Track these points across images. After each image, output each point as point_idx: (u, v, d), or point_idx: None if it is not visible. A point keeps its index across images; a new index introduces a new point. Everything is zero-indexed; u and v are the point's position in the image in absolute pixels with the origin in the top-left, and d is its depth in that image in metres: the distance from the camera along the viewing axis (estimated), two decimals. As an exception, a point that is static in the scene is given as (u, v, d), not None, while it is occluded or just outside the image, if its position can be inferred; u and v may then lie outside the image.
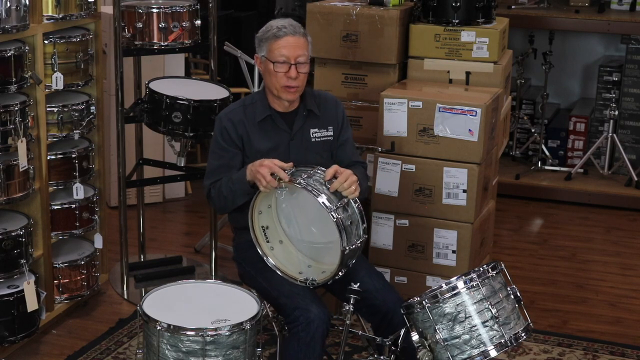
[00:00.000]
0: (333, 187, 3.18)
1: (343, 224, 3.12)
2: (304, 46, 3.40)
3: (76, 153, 4.29)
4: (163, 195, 6.07)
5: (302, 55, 3.39)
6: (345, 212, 3.17)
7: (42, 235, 4.15)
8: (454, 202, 4.15)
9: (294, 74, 3.37)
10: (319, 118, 3.53)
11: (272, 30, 3.40)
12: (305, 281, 3.29)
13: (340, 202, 3.16)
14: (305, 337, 3.19)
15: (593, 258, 5.34)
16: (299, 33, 3.40)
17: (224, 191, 3.41)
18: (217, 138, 3.48)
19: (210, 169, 3.49)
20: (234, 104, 3.56)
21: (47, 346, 4.17)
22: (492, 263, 3.13)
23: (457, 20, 4.52)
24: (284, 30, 3.38)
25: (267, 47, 3.41)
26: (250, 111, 3.48)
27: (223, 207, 3.49)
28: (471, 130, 4.08)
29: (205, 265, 4.99)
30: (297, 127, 3.49)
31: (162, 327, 3.03)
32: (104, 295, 4.66)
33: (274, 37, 3.38)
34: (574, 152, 6.58)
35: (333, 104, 3.59)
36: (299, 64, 3.38)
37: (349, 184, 3.19)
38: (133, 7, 4.48)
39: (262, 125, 3.47)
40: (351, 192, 3.19)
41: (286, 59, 3.37)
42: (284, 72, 3.37)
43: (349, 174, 3.21)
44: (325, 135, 3.54)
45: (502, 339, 3.03)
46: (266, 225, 3.34)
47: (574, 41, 6.85)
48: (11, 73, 3.80)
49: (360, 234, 3.21)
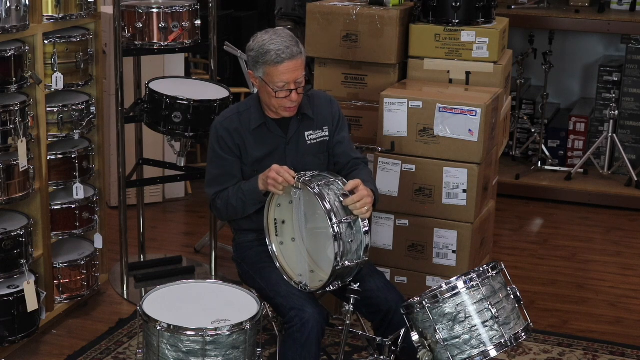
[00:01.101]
0: (346, 202, 3.17)
1: (342, 239, 3.11)
2: (301, 66, 3.34)
3: (76, 153, 4.29)
4: (163, 195, 6.07)
5: (301, 76, 3.34)
6: (349, 230, 3.16)
7: (42, 235, 4.16)
8: (454, 202, 4.15)
9: (295, 97, 3.35)
10: (313, 120, 3.50)
11: (269, 54, 3.28)
12: (298, 284, 3.29)
13: (346, 218, 3.15)
14: (301, 337, 3.19)
15: (593, 258, 5.34)
16: (296, 54, 3.30)
17: (233, 202, 3.41)
18: (214, 147, 3.46)
19: (211, 178, 3.48)
20: (228, 111, 3.53)
21: (47, 346, 4.17)
22: (492, 263, 3.13)
23: (457, 20, 4.51)
24: (282, 55, 3.28)
25: (264, 70, 3.32)
26: (245, 118, 3.45)
27: (231, 217, 3.49)
28: (471, 130, 4.08)
29: (205, 265, 4.99)
30: (292, 132, 3.47)
31: (162, 327, 3.03)
32: (104, 295, 4.66)
33: (273, 63, 3.29)
34: (574, 152, 6.58)
35: (327, 103, 3.56)
36: (298, 86, 3.34)
37: (361, 205, 3.16)
38: (133, 7, 4.48)
39: (257, 132, 3.45)
40: (362, 212, 3.17)
41: (287, 84, 3.32)
42: (285, 97, 3.34)
43: (365, 195, 3.18)
44: (320, 136, 3.52)
45: (502, 339, 3.03)
46: (282, 220, 3.34)
47: (574, 41, 6.85)
48: (11, 73, 3.80)
49: (360, 255, 3.19)
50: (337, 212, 3.14)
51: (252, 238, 3.51)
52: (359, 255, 3.19)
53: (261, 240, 3.43)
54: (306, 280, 3.28)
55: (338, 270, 3.14)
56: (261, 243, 3.43)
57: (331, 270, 3.14)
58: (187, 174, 4.96)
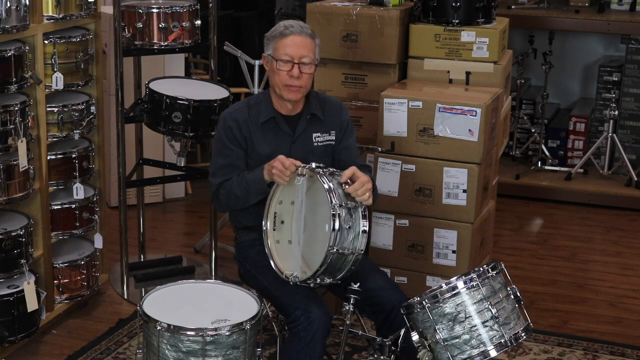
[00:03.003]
0: (348, 190, 3.18)
1: (340, 224, 3.12)
2: (309, 47, 3.41)
3: (76, 153, 4.29)
4: (163, 195, 6.07)
5: (307, 56, 3.39)
6: (349, 216, 3.16)
7: (42, 235, 4.16)
8: (454, 202, 4.15)
9: (297, 72, 3.37)
10: (322, 122, 3.53)
11: (279, 28, 3.42)
12: (289, 276, 3.25)
13: (348, 203, 3.16)
14: (306, 336, 3.19)
15: (593, 258, 5.34)
16: (306, 33, 3.41)
17: (236, 192, 3.42)
18: (221, 137, 3.48)
19: (217, 168, 3.50)
20: (239, 103, 3.57)
21: (47, 346, 4.17)
22: (492, 263, 3.13)
23: (457, 20, 4.52)
24: (290, 29, 3.39)
25: (273, 45, 3.41)
26: (254, 111, 3.49)
27: (232, 207, 3.50)
28: (471, 130, 4.08)
29: (205, 265, 4.99)
30: (300, 130, 3.49)
31: (162, 327, 3.03)
32: (104, 295, 4.66)
33: (281, 35, 3.40)
34: (574, 152, 6.58)
35: (338, 108, 3.59)
36: (302, 64, 3.38)
37: (363, 191, 3.18)
38: (133, 7, 4.48)
39: (265, 127, 3.47)
40: (364, 198, 3.18)
41: (290, 57, 3.37)
42: (286, 70, 3.38)
43: (365, 181, 3.20)
44: (327, 139, 3.54)
45: (502, 339, 3.03)
46: (282, 219, 3.34)
47: (574, 41, 6.85)
48: (11, 73, 3.80)
49: (355, 247, 3.17)
50: (340, 197, 3.15)
51: (253, 237, 3.51)
52: (354, 247, 3.17)
53: (262, 239, 3.44)
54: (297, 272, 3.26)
55: (333, 255, 3.12)
56: (262, 242, 3.43)
57: (324, 256, 3.11)
58: (187, 174, 4.96)
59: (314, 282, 3.23)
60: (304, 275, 3.23)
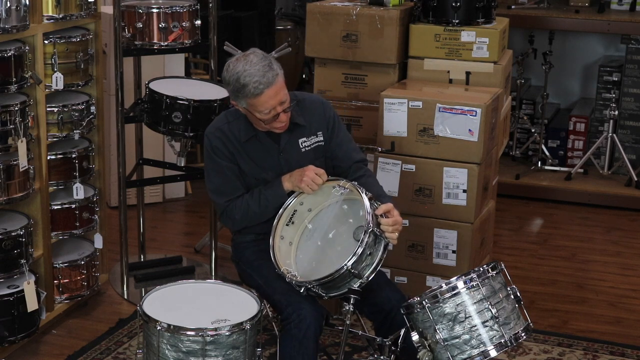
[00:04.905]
0: (382, 222, 3.21)
1: (364, 248, 3.13)
2: (282, 87, 3.28)
3: (76, 153, 4.29)
4: (163, 195, 6.07)
5: (284, 96, 3.29)
6: (373, 243, 3.18)
7: (42, 235, 4.16)
8: (454, 202, 4.15)
9: (284, 117, 3.33)
10: (305, 127, 3.46)
11: (247, 88, 3.23)
12: (286, 273, 3.25)
13: (376, 230, 3.17)
14: (298, 334, 3.19)
15: (593, 258, 5.34)
16: (273, 80, 3.25)
17: (254, 208, 3.39)
18: (210, 156, 3.42)
19: (216, 187, 3.44)
20: (218, 120, 3.48)
21: (47, 346, 4.17)
22: (492, 263, 3.13)
23: (457, 20, 4.52)
24: (260, 87, 3.23)
25: (246, 102, 3.29)
26: (235, 128, 3.41)
27: (249, 223, 3.46)
28: (471, 130, 4.09)
29: (205, 265, 4.99)
30: (284, 141, 3.44)
31: (162, 327, 3.04)
32: (104, 295, 4.66)
33: (253, 95, 3.25)
34: (574, 152, 6.58)
35: (319, 106, 3.51)
36: (285, 107, 3.30)
37: (394, 229, 3.22)
38: (133, 7, 4.48)
39: (247, 145, 3.42)
40: (393, 237, 3.22)
41: (273, 109, 3.28)
42: (273, 120, 3.32)
43: (400, 221, 3.25)
44: (315, 142, 3.49)
45: (502, 339, 3.03)
46: (293, 221, 3.36)
47: (574, 41, 6.85)
48: (11, 73, 3.80)
49: (364, 274, 3.18)
50: (374, 221, 3.18)
51: (250, 239, 3.51)
52: (363, 274, 3.17)
53: (259, 240, 3.44)
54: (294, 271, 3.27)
55: (344, 272, 3.12)
56: (259, 243, 3.44)
57: (333, 270, 3.12)
58: (187, 174, 4.96)
59: (304, 288, 3.23)
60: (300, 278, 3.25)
